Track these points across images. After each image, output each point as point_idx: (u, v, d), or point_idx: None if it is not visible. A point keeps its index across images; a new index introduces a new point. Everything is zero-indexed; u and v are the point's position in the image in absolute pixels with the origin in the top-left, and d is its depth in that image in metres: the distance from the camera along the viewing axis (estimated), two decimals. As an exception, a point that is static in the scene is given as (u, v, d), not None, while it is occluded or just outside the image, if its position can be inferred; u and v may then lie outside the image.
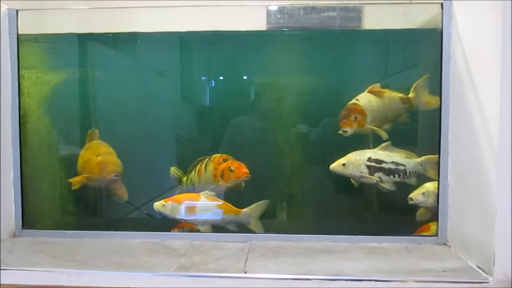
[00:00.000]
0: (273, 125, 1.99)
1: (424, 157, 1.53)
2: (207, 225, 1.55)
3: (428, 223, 1.52)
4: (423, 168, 1.52)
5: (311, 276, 1.15)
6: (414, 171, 1.51)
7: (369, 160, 1.51)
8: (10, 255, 1.32)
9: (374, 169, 1.51)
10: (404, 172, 1.51)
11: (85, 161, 1.66)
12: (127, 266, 1.22)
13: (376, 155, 1.52)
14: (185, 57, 1.98)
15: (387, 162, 1.50)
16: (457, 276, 1.14)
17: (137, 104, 1.95)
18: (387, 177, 1.50)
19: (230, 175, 1.57)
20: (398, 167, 1.50)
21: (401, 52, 1.85)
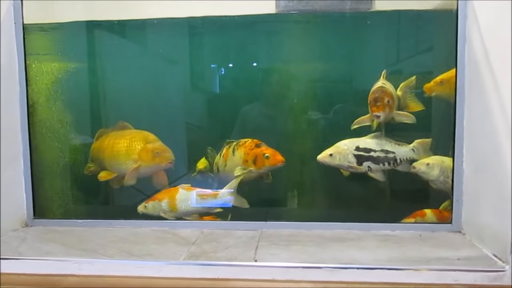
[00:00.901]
0: (284, 112, 1.97)
1: (416, 142, 1.49)
2: (191, 214, 1.56)
3: (423, 209, 1.50)
4: (416, 153, 1.48)
5: (322, 265, 1.13)
6: (405, 158, 1.48)
7: (357, 149, 1.47)
8: (23, 244, 1.33)
9: (363, 158, 1.47)
10: (395, 159, 1.47)
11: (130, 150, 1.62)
12: (137, 255, 1.22)
13: (365, 143, 1.48)
14: (194, 43, 1.95)
15: (376, 151, 1.47)
16: (473, 265, 1.11)
17: (148, 92, 1.94)
18: (376, 165, 1.47)
19: (265, 162, 1.55)
20: (388, 155, 1.47)
21: (415, 36, 1.80)
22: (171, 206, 1.55)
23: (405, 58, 1.85)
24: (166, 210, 1.55)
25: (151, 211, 1.55)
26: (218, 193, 1.58)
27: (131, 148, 1.61)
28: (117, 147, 1.63)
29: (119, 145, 1.63)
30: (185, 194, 1.57)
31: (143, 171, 1.61)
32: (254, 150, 1.57)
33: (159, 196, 1.57)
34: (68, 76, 1.73)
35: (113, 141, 1.66)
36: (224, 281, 1.13)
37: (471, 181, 1.33)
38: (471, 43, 1.32)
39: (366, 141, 1.49)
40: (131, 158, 1.60)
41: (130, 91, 1.92)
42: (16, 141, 1.48)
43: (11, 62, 1.46)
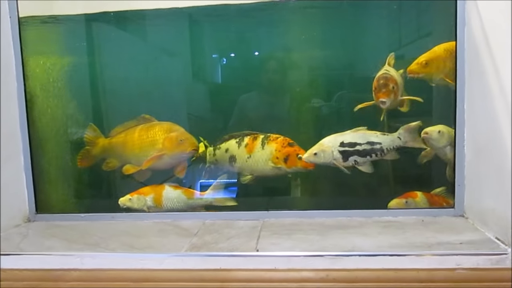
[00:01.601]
0: (285, 100, 1.96)
1: (401, 128, 1.47)
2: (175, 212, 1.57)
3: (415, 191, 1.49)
4: (402, 140, 1.47)
5: (324, 253, 1.13)
6: (392, 147, 1.46)
7: (342, 145, 1.46)
8: (25, 240, 1.33)
9: (348, 153, 1.46)
10: (381, 150, 1.46)
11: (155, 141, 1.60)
12: (139, 248, 1.22)
13: (349, 138, 1.47)
14: (195, 33, 1.93)
15: (362, 144, 1.46)
16: (475, 249, 1.11)
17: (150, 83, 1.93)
18: (363, 158, 1.46)
19: (297, 162, 1.52)
20: (374, 146, 1.45)
21: (415, 20, 1.78)
22: (156, 202, 1.55)
23: (406, 43, 1.83)
24: (150, 206, 1.55)
25: (135, 204, 1.55)
26: (205, 194, 1.59)
27: (155, 139, 1.60)
28: (141, 139, 1.62)
29: (143, 137, 1.62)
30: (171, 192, 1.57)
31: (166, 160, 1.59)
32: (287, 148, 1.55)
33: (145, 190, 1.58)
34: (67, 69, 1.72)
35: (137, 134, 1.64)
36: (226, 272, 1.13)
37: (472, 165, 1.33)
38: (470, 27, 1.31)
39: (350, 135, 1.48)
40: (155, 149, 1.59)
41: (131, 83, 1.91)
42: (16, 137, 1.49)
43: (8, 57, 1.45)
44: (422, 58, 1.49)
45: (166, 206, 1.56)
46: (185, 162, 1.64)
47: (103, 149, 1.71)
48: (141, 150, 1.61)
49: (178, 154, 1.58)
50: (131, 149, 1.64)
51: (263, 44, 1.98)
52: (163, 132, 1.60)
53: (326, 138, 1.50)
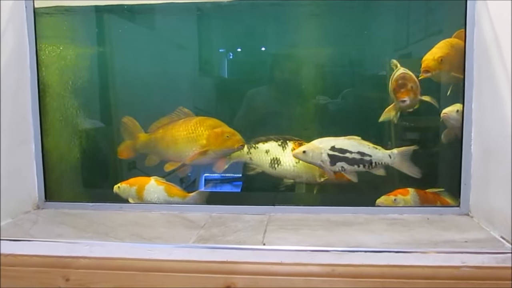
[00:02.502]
0: (292, 96, 1.97)
1: (396, 149, 1.48)
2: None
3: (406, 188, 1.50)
4: (392, 160, 1.48)
5: (330, 248, 1.14)
6: (381, 162, 1.47)
7: (333, 149, 1.47)
8: (35, 226, 1.35)
9: (337, 159, 1.47)
10: (370, 162, 1.47)
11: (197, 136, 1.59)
12: (147, 238, 1.24)
13: (341, 144, 1.48)
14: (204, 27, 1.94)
15: (352, 152, 1.47)
16: (480, 247, 1.12)
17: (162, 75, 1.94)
18: (350, 167, 1.47)
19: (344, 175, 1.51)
20: (364, 157, 1.47)
21: (424, 19, 1.79)
22: (139, 194, 1.57)
23: (415, 41, 1.84)
24: (134, 196, 1.57)
25: (122, 193, 1.57)
26: (188, 196, 1.59)
27: (198, 134, 1.58)
28: (183, 134, 1.61)
29: (185, 132, 1.61)
30: (154, 186, 1.58)
31: (211, 156, 1.59)
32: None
33: (132, 181, 1.59)
34: (80, 60, 1.73)
35: (177, 129, 1.62)
36: (233, 264, 1.14)
37: (479, 164, 1.33)
38: (480, 27, 1.31)
39: (342, 142, 1.49)
40: (199, 144, 1.57)
41: (141, 76, 1.92)
42: (27, 125, 1.50)
43: (22, 46, 1.47)
44: (437, 55, 1.47)
45: (146, 199, 1.57)
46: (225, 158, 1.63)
47: (144, 144, 1.71)
48: (183, 146, 1.60)
49: (224, 150, 1.57)
50: (171, 144, 1.62)
51: (275, 40, 1.99)
52: (206, 128, 1.58)
53: (319, 139, 1.51)
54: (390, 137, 1.84)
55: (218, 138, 1.56)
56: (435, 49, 1.49)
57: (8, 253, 1.19)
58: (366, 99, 1.97)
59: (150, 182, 1.59)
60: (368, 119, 1.81)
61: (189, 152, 1.59)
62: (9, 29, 1.40)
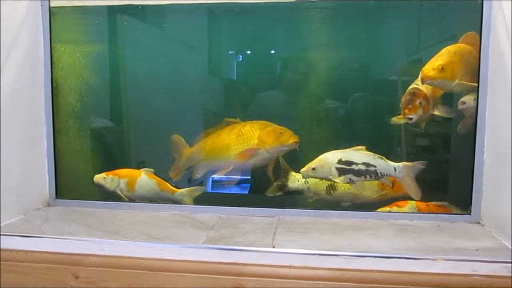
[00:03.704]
0: (301, 100, 1.97)
1: (401, 163, 1.47)
2: (144, 201, 1.59)
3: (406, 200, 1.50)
4: (396, 173, 1.46)
5: (339, 252, 1.13)
6: (386, 173, 1.47)
7: (340, 162, 1.47)
8: (45, 223, 1.36)
9: (345, 171, 1.47)
10: (375, 173, 1.46)
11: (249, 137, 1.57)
12: (157, 237, 1.24)
13: (347, 156, 1.48)
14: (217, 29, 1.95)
15: (358, 163, 1.47)
16: (491, 256, 1.10)
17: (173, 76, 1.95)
18: (357, 178, 1.47)
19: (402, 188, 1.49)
20: (369, 168, 1.46)
21: (438, 24, 1.78)
22: (129, 186, 1.57)
23: (427, 47, 1.83)
24: (123, 189, 1.57)
25: (109, 184, 1.57)
26: (177, 192, 1.60)
27: (248, 136, 1.56)
28: (232, 139, 1.59)
29: (234, 136, 1.59)
30: (146, 180, 1.59)
31: (264, 156, 1.56)
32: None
33: (120, 173, 1.59)
34: (94, 59, 1.74)
35: (225, 135, 1.61)
36: (241, 266, 1.14)
37: (491, 171, 1.32)
38: (496, 33, 1.30)
39: (348, 154, 1.49)
40: (250, 145, 1.55)
41: (154, 76, 1.93)
42: (40, 123, 1.52)
43: (37, 44, 1.48)
44: (438, 63, 1.42)
45: (138, 192, 1.58)
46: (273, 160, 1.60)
47: (188, 158, 1.71)
48: (234, 151, 1.58)
49: (278, 147, 1.53)
50: (221, 151, 1.61)
51: (287, 44, 1.99)
52: (256, 129, 1.56)
53: (325, 153, 1.51)
54: (400, 142, 1.83)
55: (270, 135, 1.53)
56: (436, 57, 1.46)
57: (19, 249, 1.20)
58: (376, 103, 1.96)
59: (141, 175, 1.59)
60: (378, 123, 1.80)
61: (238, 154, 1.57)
62: (24, 28, 1.42)
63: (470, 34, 1.46)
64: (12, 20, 1.37)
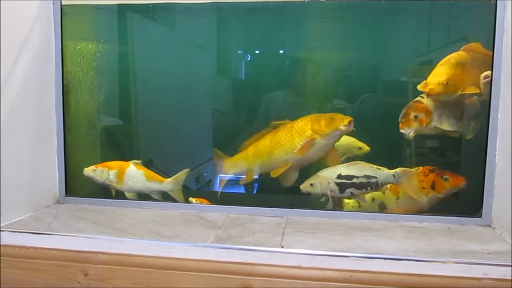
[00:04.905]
0: (310, 100, 1.96)
1: (399, 169, 1.48)
2: (132, 192, 1.60)
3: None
4: (396, 180, 1.48)
5: (348, 253, 1.13)
6: (386, 182, 1.48)
7: (339, 177, 1.49)
8: (55, 221, 1.37)
9: (346, 185, 1.49)
10: (376, 184, 1.48)
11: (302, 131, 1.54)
12: (166, 236, 1.24)
13: (347, 170, 1.49)
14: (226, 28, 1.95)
15: (359, 177, 1.48)
16: (503, 259, 1.09)
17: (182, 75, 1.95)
18: (359, 191, 1.48)
19: (445, 185, 1.48)
20: (370, 179, 1.48)
21: (450, 25, 1.76)
22: (119, 178, 1.58)
23: (436, 48, 1.82)
24: (112, 181, 1.58)
25: (98, 176, 1.58)
26: (165, 181, 1.61)
27: (300, 129, 1.55)
28: (284, 136, 1.58)
29: (285, 133, 1.58)
30: (134, 171, 1.60)
31: (321, 144, 1.53)
32: (430, 176, 1.51)
33: (110, 164, 1.60)
34: (103, 58, 1.75)
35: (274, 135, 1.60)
36: (250, 266, 1.14)
37: (504, 175, 1.31)
38: (509, 35, 1.29)
39: (347, 168, 1.50)
40: (304, 137, 1.53)
41: (163, 74, 1.94)
42: (51, 120, 1.52)
43: (48, 42, 1.49)
44: (443, 78, 1.41)
45: (127, 183, 1.59)
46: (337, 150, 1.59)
47: (232, 166, 1.71)
48: (287, 147, 1.57)
49: (333, 132, 1.51)
50: (273, 151, 1.59)
51: (297, 44, 1.98)
52: (306, 122, 1.55)
53: (324, 169, 1.53)
54: (410, 144, 1.82)
55: (322, 123, 1.51)
56: (440, 71, 1.44)
57: (29, 245, 1.21)
58: (386, 104, 1.95)
59: (130, 166, 1.61)
60: (387, 124, 1.79)
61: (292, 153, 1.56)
62: (36, 26, 1.43)
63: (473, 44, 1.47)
64: (24, 18, 1.38)
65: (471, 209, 1.39)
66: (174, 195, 1.61)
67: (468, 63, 1.44)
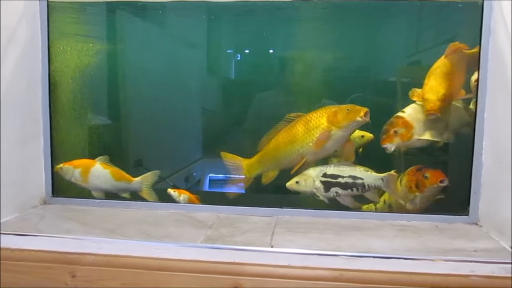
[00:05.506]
0: (299, 100, 1.96)
1: (387, 173, 1.48)
2: (99, 191, 1.57)
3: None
4: (384, 184, 1.48)
5: (338, 252, 1.13)
6: (374, 185, 1.48)
7: (325, 175, 1.49)
8: (42, 222, 1.35)
9: (330, 184, 1.49)
10: (363, 185, 1.48)
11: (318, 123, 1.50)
12: (155, 236, 1.24)
13: (333, 170, 1.50)
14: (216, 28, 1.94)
15: (344, 177, 1.48)
16: (489, 257, 1.11)
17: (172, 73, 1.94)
18: (344, 191, 1.49)
19: (426, 183, 1.47)
20: (356, 180, 1.48)
21: (438, 27, 1.78)
22: (83, 176, 1.56)
23: (424, 49, 1.83)
24: (78, 179, 1.56)
25: (64, 174, 1.55)
26: (133, 180, 1.59)
27: (316, 122, 1.51)
28: (300, 130, 1.54)
29: (301, 127, 1.54)
30: (100, 170, 1.57)
31: (338, 136, 1.50)
32: (416, 175, 1.51)
33: (76, 163, 1.57)
34: (91, 56, 1.73)
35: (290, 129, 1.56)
36: (240, 265, 1.13)
37: (489, 173, 1.33)
38: (496, 36, 1.30)
39: (334, 167, 1.51)
40: (320, 130, 1.50)
41: (152, 73, 1.92)
42: (37, 120, 1.50)
43: (34, 40, 1.47)
44: (440, 93, 1.41)
45: (92, 182, 1.56)
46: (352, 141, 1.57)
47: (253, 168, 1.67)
48: (304, 141, 1.53)
49: (350, 123, 1.47)
50: (290, 146, 1.56)
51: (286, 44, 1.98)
52: (322, 114, 1.51)
53: (311, 168, 1.53)
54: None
55: (338, 114, 1.48)
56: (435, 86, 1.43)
57: (15, 247, 1.18)
58: (374, 104, 1.96)
59: (95, 165, 1.58)
60: (375, 124, 1.80)
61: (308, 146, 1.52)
62: (22, 23, 1.40)
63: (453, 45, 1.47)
64: (10, 15, 1.36)
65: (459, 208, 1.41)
66: (143, 194, 1.59)
67: (454, 68, 1.45)
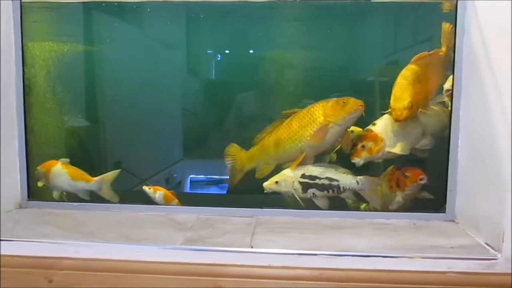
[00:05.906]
0: (279, 100, 1.97)
1: (363, 176, 1.50)
2: (58, 190, 1.58)
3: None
4: (359, 186, 1.49)
5: (318, 252, 1.14)
6: (349, 187, 1.50)
7: (303, 176, 1.50)
8: (17, 226, 1.32)
9: (308, 185, 1.50)
10: (338, 187, 1.49)
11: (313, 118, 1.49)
12: (134, 239, 1.22)
13: (310, 171, 1.51)
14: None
15: (321, 178, 1.49)
16: (466, 253, 1.13)
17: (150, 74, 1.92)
18: (320, 192, 1.50)
19: (406, 182, 1.46)
20: (332, 182, 1.49)
21: (413, 27, 1.81)
22: (46, 177, 1.56)
23: (401, 49, 1.86)
24: (43, 179, 1.56)
25: (38, 176, 1.56)
26: (92, 180, 1.58)
27: (312, 116, 1.49)
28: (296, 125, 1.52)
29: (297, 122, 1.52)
30: (59, 169, 1.57)
31: (334, 130, 1.48)
32: (395, 174, 1.51)
33: (44, 164, 1.58)
34: (66, 58, 1.70)
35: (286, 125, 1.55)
36: (220, 266, 1.13)
37: (465, 171, 1.35)
38: (470, 35, 1.33)
39: (311, 168, 1.51)
40: (317, 124, 1.48)
41: (130, 74, 1.90)
42: (12, 123, 1.47)
43: (8, 42, 1.43)
44: (406, 101, 1.39)
45: (52, 182, 1.56)
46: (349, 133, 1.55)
47: (248, 159, 1.66)
48: (300, 136, 1.52)
49: (345, 117, 1.45)
50: (286, 141, 1.55)
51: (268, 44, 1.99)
52: (319, 108, 1.49)
53: (288, 169, 1.53)
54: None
55: (334, 108, 1.46)
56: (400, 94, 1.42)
57: (-10, 253, 1.16)
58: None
59: (56, 165, 1.57)
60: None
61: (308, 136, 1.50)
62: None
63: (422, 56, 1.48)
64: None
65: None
66: (103, 194, 1.57)
67: (421, 74, 1.45)
